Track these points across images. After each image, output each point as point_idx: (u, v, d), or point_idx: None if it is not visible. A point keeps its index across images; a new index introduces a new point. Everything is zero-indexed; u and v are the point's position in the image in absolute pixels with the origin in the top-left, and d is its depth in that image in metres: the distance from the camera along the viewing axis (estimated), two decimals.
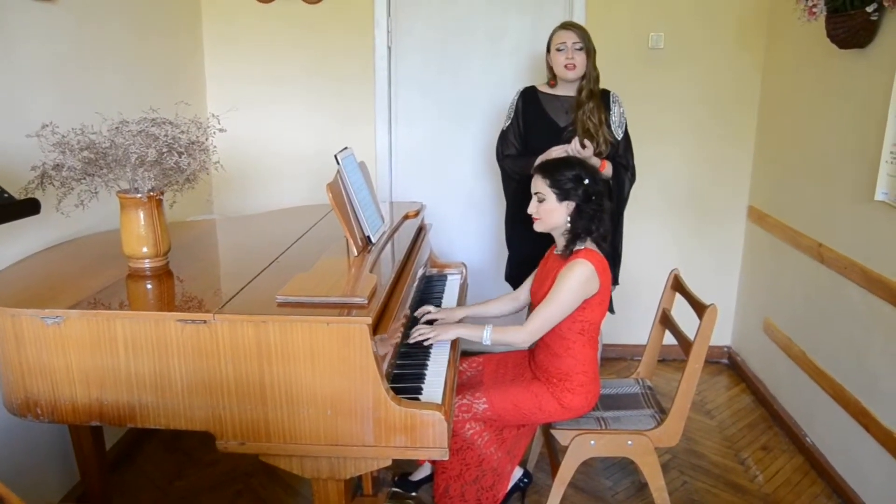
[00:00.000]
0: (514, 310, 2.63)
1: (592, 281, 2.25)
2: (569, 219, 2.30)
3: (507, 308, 2.62)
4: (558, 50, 2.86)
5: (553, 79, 2.97)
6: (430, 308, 2.48)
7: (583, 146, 2.71)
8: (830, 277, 2.91)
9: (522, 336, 2.28)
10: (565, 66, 2.85)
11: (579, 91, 2.91)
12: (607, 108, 2.93)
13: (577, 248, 2.29)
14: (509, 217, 3.14)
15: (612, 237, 3.01)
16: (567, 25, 2.92)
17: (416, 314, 2.46)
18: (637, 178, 3.04)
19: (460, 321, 2.47)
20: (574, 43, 2.84)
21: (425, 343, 2.25)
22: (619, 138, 2.94)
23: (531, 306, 2.48)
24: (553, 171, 2.31)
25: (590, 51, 2.87)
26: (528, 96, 3.01)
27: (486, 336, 2.28)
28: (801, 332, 3.20)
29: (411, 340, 2.25)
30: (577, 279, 2.22)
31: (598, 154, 2.81)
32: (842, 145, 2.86)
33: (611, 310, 3.10)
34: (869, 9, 2.51)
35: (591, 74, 2.89)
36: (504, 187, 3.13)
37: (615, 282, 3.13)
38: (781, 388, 3.43)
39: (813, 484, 2.91)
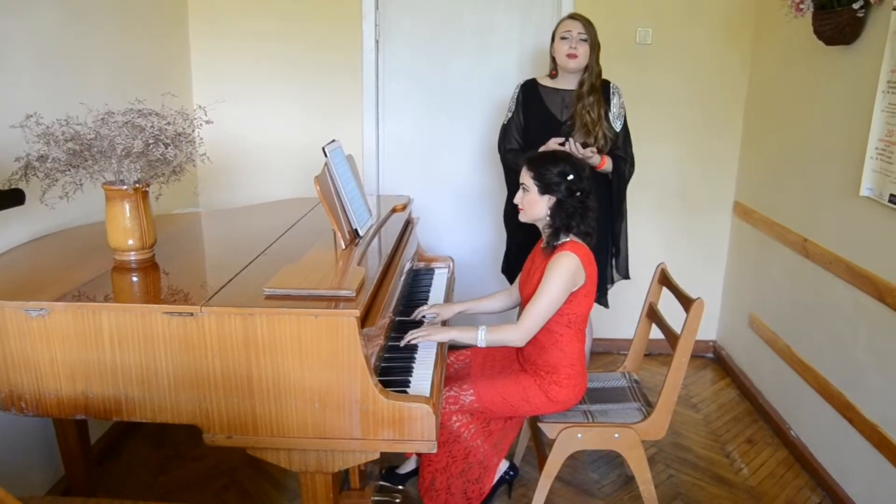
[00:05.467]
0: (511, 305, 2.64)
1: (579, 273, 2.25)
2: (549, 212, 2.31)
3: (502, 304, 2.63)
4: (563, 38, 2.87)
5: (554, 69, 2.97)
6: (425, 307, 2.48)
7: (584, 146, 2.72)
8: (816, 272, 2.94)
9: (517, 335, 2.28)
10: (567, 56, 2.86)
11: (580, 84, 2.91)
12: (607, 100, 2.93)
13: (561, 241, 2.30)
14: (508, 208, 3.14)
15: (614, 230, 3.03)
16: (574, 16, 2.94)
17: (413, 315, 2.45)
18: None
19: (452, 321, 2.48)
20: (579, 33, 2.85)
21: (416, 343, 2.24)
22: (619, 129, 2.95)
23: (521, 301, 2.49)
24: (539, 164, 2.32)
25: (594, 44, 2.88)
26: (529, 89, 3.02)
27: (481, 338, 2.27)
28: (787, 327, 3.22)
29: (402, 344, 2.23)
30: (564, 271, 2.23)
31: (597, 144, 2.82)
32: (827, 141, 2.88)
33: (605, 304, 3.12)
34: (855, 5, 2.53)
35: (593, 69, 2.89)
36: (506, 179, 3.13)
37: (624, 275, 3.13)
38: (766, 382, 3.46)
39: (797, 477, 2.94)
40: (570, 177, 2.28)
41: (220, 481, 2.82)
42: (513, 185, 3.09)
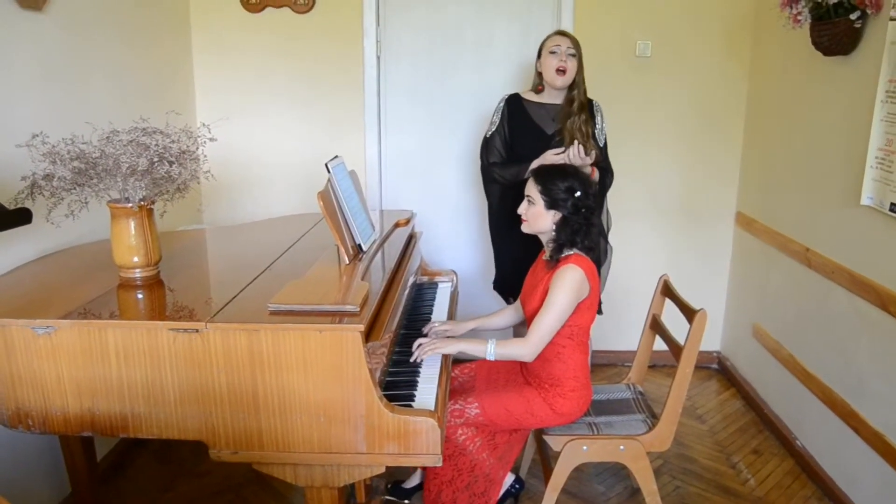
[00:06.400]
0: (519, 320, 2.64)
1: (584, 286, 2.26)
2: (554, 227, 2.32)
3: (511, 319, 2.64)
4: (551, 53, 2.89)
5: (540, 84, 2.99)
6: (437, 322, 2.49)
7: (587, 153, 2.73)
8: (818, 281, 2.94)
9: (526, 349, 2.28)
10: (557, 70, 2.87)
11: (569, 101, 2.93)
12: (592, 118, 2.95)
13: (565, 254, 2.31)
14: (494, 223, 3.14)
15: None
16: (562, 32, 2.96)
17: (423, 329, 2.45)
18: (626, 185, 3.07)
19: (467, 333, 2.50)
20: (568, 48, 2.87)
21: (425, 355, 2.22)
22: (602, 145, 2.97)
23: (524, 315, 2.49)
24: (547, 178, 2.33)
25: (581, 61, 2.90)
26: (514, 103, 3.03)
27: (490, 351, 2.27)
28: (790, 336, 3.22)
29: (412, 359, 2.22)
30: (569, 284, 2.24)
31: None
32: (827, 151, 2.90)
33: (599, 311, 3.11)
34: (852, 16, 2.54)
35: (580, 86, 2.91)
36: (487, 192, 3.12)
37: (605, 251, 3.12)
38: (771, 392, 3.45)
39: (804, 487, 2.93)
40: (578, 193, 2.29)
41: (226, 497, 2.82)
42: (496, 199, 3.09)
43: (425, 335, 2.41)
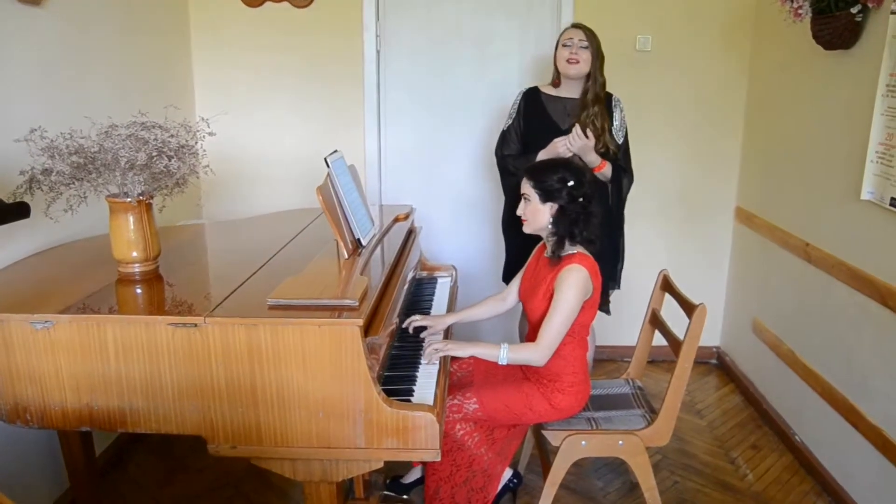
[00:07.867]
0: (501, 311, 2.63)
1: (588, 285, 2.26)
2: (551, 220, 2.31)
3: (493, 311, 2.62)
4: (564, 45, 2.89)
5: (557, 78, 2.99)
6: (417, 317, 2.46)
7: (585, 135, 2.72)
8: (818, 276, 2.94)
9: (539, 353, 2.26)
10: (567, 61, 2.87)
11: (584, 93, 2.92)
12: (609, 113, 2.95)
13: (568, 252, 2.30)
14: (507, 212, 3.14)
15: (615, 238, 3.03)
16: (576, 25, 2.97)
17: (403, 325, 2.43)
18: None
19: (449, 328, 2.49)
20: (580, 40, 2.87)
21: (436, 357, 2.21)
22: (620, 143, 2.96)
23: (525, 311, 2.48)
24: (538, 172, 2.32)
25: (596, 53, 2.89)
26: (531, 97, 3.03)
27: (503, 356, 2.26)
28: (790, 332, 3.22)
29: (424, 361, 2.21)
30: (576, 285, 2.23)
31: (598, 151, 2.83)
32: (828, 145, 2.89)
33: (607, 311, 3.11)
34: (853, 10, 2.54)
35: (597, 78, 2.90)
36: (503, 184, 3.13)
37: (617, 285, 3.13)
38: (770, 388, 3.45)
39: (802, 482, 2.93)
40: (571, 182, 2.28)
41: (225, 493, 2.82)
42: (510, 191, 3.09)
43: (406, 329, 2.40)
